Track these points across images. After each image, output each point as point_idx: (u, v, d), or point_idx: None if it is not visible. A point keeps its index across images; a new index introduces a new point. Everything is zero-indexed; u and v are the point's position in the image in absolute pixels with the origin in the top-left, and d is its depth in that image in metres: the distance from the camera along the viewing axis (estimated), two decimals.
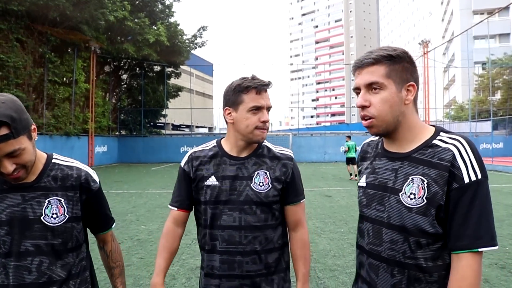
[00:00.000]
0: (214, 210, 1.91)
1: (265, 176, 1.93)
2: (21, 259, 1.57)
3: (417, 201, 1.38)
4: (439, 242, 1.37)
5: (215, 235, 1.91)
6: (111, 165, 30.51)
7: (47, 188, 1.64)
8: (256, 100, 1.86)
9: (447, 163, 1.35)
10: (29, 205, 1.60)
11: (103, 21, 25.95)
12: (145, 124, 36.14)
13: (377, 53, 1.44)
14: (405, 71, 1.45)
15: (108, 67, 34.57)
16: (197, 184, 1.98)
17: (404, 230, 1.40)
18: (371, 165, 1.59)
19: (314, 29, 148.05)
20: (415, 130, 1.48)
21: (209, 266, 1.92)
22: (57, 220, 1.62)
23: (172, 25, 33.52)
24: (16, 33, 22.27)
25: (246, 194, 1.90)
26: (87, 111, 29.18)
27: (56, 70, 25.60)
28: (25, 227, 1.58)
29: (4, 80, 21.34)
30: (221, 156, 1.98)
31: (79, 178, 1.72)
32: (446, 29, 72.10)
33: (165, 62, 34.65)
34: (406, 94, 1.45)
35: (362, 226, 1.57)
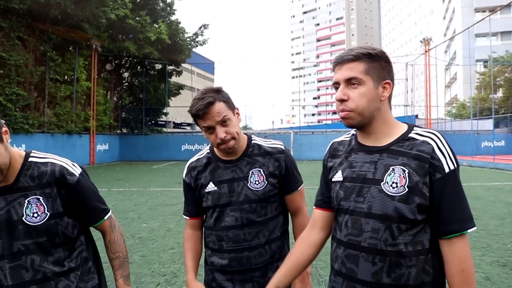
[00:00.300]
0: (217, 213, 2.02)
1: (260, 174, 2.03)
2: (15, 259, 1.60)
3: (399, 189, 1.44)
4: (417, 227, 1.45)
5: (220, 236, 2.01)
6: (112, 163, 30.55)
7: (26, 188, 1.64)
8: (203, 123, 1.93)
9: (427, 155, 1.44)
10: (12, 207, 1.61)
11: (104, 19, 25.94)
12: (147, 122, 36.17)
13: (357, 50, 1.52)
14: (383, 69, 1.53)
15: (109, 65, 34.60)
16: (199, 192, 2.09)
17: (386, 218, 1.45)
18: (347, 160, 1.63)
19: (316, 27, 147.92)
20: (390, 125, 1.57)
21: (217, 264, 2.02)
22: (39, 219, 1.63)
23: (173, 23, 33.51)
24: (17, 31, 22.27)
25: (244, 194, 2.00)
26: (88, 109, 29.21)
27: (58, 69, 25.60)
28: (12, 229, 1.60)
29: (6, 79, 21.34)
30: (215, 162, 2.08)
31: (53, 174, 1.69)
32: (448, 27, 71.96)
33: (166, 60, 34.66)
34: (382, 91, 1.53)
35: (340, 219, 1.60)
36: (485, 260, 5.64)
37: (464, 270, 1.42)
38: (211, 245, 2.07)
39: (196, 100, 1.92)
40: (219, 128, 1.92)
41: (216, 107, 1.91)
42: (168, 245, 6.55)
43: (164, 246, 6.50)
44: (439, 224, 1.44)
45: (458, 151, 31.55)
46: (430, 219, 1.47)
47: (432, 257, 1.48)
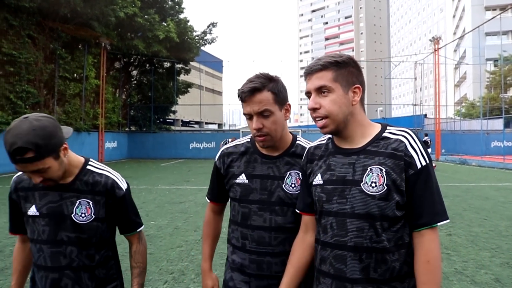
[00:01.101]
0: (244, 208, 1.92)
1: (298, 177, 1.88)
2: (57, 246, 1.86)
3: (378, 188, 1.50)
4: (398, 223, 1.52)
5: (245, 234, 1.91)
6: (120, 161, 30.69)
7: (79, 190, 1.90)
8: (244, 108, 1.84)
9: (401, 153, 1.51)
10: (64, 203, 1.88)
11: (113, 18, 26.06)
12: (155, 120, 36.31)
13: (324, 59, 1.58)
14: (351, 75, 1.58)
15: (118, 63, 34.79)
16: (228, 181, 1.99)
17: (369, 217, 1.51)
18: (325, 163, 1.67)
19: (324, 26, 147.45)
20: (364, 127, 1.62)
21: (238, 263, 1.94)
22: (85, 219, 1.89)
23: (182, 21, 33.61)
24: (27, 29, 22.43)
25: (277, 195, 1.87)
26: (97, 107, 29.38)
27: (67, 66, 25.78)
28: (60, 221, 1.87)
29: (16, 76, 21.52)
30: (252, 154, 1.97)
31: (106, 185, 1.94)
32: (458, 25, 71.47)
33: (175, 59, 34.76)
34: (353, 96, 1.59)
35: (324, 221, 1.63)
36: (494, 262, 5.59)
37: (429, 260, 1.49)
38: (234, 242, 1.98)
39: (247, 82, 1.83)
40: (257, 118, 1.81)
41: (261, 96, 1.80)
42: (175, 243, 6.55)
43: (171, 244, 6.51)
44: (411, 218, 1.52)
45: (467, 151, 31.40)
46: (406, 214, 1.54)
47: (412, 250, 1.55)
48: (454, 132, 37.31)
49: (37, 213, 1.87)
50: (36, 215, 1.87)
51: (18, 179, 1.97)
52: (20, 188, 1.95)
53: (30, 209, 1.89)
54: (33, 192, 1.91)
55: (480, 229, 7.62)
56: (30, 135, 1.64)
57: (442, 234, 7.18)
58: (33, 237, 1.89)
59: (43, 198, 1.89)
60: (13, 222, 2.04)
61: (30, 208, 1.89)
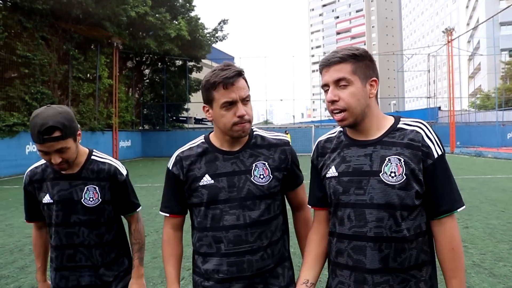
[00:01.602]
0: (214, 210, 1.79)
1: (264, 167, 1.82)
2: (70, 227, 2.12)
3: (398, 178, 1.52)
4: (415, 212, 1.55)
5: (218, 237, 1.77)
6: (135, 159, 30.92)
7: (86, 178, 2.15)
8: (226, 95, 1.71)
9: (418, 143, 1.54)
10: (74, 190, 2.13)
11: (125, 17, 26.22)
12: (168, 118, 36.50)
13: (342, 52, 1.58)
14: (368, 68, 1.60)
15: (130, 63, 35.01)
16: (190, 186, 1.84)
17: (389, 207, 1.52)
18: (339, 155, 1.67)
19: (335, 20, 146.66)
20: (379, 119, 1.64)
21: (213, 271, 1.78)
22: (93, 203, 2.13)
23: (192, 19, 33.69)
24: (41, 31, 22.67)
25: (247, 189, 1.78)
26: (110, 106, 29.64)
27: (80, 67, 26.02)
28: (71, 206, 2.12)
29: (31, 78, 21.76)
30: (212, 152, 1.85)
31: (109, 172, 2.20)
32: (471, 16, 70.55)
33: (187, 56, 34.87)
34: (370, 89, 1.60)
35: (340, 214, 1.62)
36: None
37: (454, 247, 1.54)
38: (204, 249, 1.82)
39: (219, 70, 1.72)
40: (241, 105, 1.72)
41: (242, 81, 1.75)
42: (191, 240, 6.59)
43: (187, 241, 6.48)
44: (431, 206, 1.55)
45: (483, 142, 31.04)
46: (424, 203, 1.57)
47: (428, 238, 1.60)
48: (469, 124, 36.91)
49: (51, 200, 2.12)
50: (50, 202, 2.13)
51: (32, 173, 2.21)
52: (34, 180, 2.19)
53: (45, 197, 2.14)
54: (46, 182, 2.16)
55: (498, 221, 7.54)
56: (58, 117, 1.91)
57: (459, 226, 7.08)
58: (50, 222, 2.15)
59: (55, 187, 2.14)
60: (29, 212, 2.28)
61: (44, 196, 2.14)
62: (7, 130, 19.26)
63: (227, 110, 1.73)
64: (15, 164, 19.38)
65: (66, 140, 1.95)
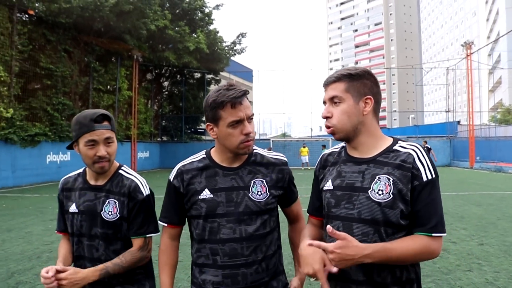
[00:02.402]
0: (211, 224, 1.85)
1: (262, 184, 1.90)
2: (91, 239, 2.10)
3: (384, 196, 1.58)
4: (402, 232, 1.60)
5: (215, 249, 1.84)
6: (152, 170, 31.19)
7: (110, 191, 2.14)
8: (234, 114, 1.78)
9: (409, 165, 1.60)
10: (98, 202, 2.12)
11: (145, 31, 26.67)
12: (186, 130, 36.80)
13: (339, 72, 1.70)
14: (364, 86, 1.68)
15: (150, 75, 35.51)
16: (189, 199, 1.91)
17: (374, 222, 1.59)
18: (336, 170, 1.76)
19: (354, 33, 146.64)
20: (376, 138, 1.71)
21: (209, 282, 1.85)
22: (111, 217, 2.10)
23: (211, 32, 34.08)
24: (64, 44, 23.29)
25: (245, 205, 1.85)
26: (130, 118, 30.07)
27: (101, 79, 26.57)
28: (93, 217, 2.10)
29: (53, 89, 22.31)
30: (212, 168, 1.92)
31: (129, 188, 2.15)
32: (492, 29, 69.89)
33: (205, 69, 35.25)
34: (364, 106, 1.67)
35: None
36: None
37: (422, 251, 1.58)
38: (202, 261, 1.89)
39: (225, 90, 1.80)
40: (247, 123, 1.81)
41: (247, 101, 1.83)
42: None
43: None
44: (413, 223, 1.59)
45: (503, 158, 30.53)
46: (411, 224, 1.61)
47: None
48: (489, 138, 36.35)
49: (76, 210, 2.14)
50: (75, 212, 2.14)
51: (65, 181, 2.26)
52: (65, 188, 2.23)
53: (71, 207, 2.15)
54: (74, 192, 2.18)
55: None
56: (106, 112, 2.07)
57: (474, 243, 7.06)
58: (73, 231, 2.14)
59: (82, 197, 2.15)
60: (60, 221, 2.27)
61: (71, 206, 2.16)
62: (29, 140, 19.72)
63: (234, 128, 1.80)
64: (36, 173, 19.82)
65: (113, 132, 2.09)
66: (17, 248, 6.96)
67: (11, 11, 19.49)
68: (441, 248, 1.62)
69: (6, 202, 13.37)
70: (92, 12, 22.39)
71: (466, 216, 9.88)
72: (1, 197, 14.88)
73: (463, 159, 32.84)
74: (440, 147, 35.00)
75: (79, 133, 2.03)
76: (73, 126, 2.08)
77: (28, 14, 21.19)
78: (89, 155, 2.04)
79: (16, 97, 19.87)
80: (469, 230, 8.22)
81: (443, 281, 5.18)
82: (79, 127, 2.02)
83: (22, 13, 20.90)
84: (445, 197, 13.45)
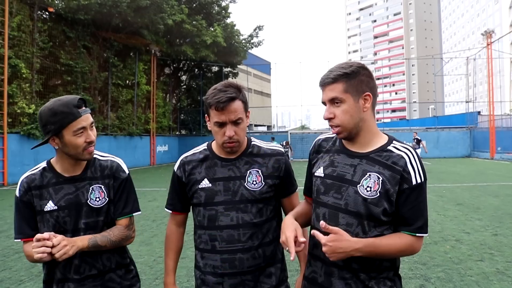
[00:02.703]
0: (210, 211, 1.99)
1: (258, 174, 2.01)
2: (76, 234, 1.97)
3: (372, 193, 1.67)
4: (383, 226, 1.70)
5: (214, 235, 1.97)
6: (171, 164, 31.46)
7: (91, 178, 2.06)
8: (217, 116, 1.91)
9: (399, 168, 1.68)
10: (80, 192, 2.01)
11: (162, 25, 26.85)
12: (204, 124, 36.99)
13: (335, 72, 1.73)
14: (361, 83, 1.72)
15: (167, 69, 35.79)
16: (190, 188, 2.06)
17: (358, 215, 1.69)
18: (329, 158, 1.84)
19: (372, 24, 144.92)
20: (372, 133, 1.78)
21: (209, 265, 1.99)
22: (100, 203, 2.03)
23: (228, 26, 34.11)
24: (83, 40, 23.73)
25: (241, 194, 1.98)
26: (148, 112, 30.43)
27: (119, 74, 26.96)
28: (78, 209, 2.00)
29: (73, 85, 22.77)
30: (212, 159, 2.06)
31: (112, 168, 2.11)
32: None
33: (223, 63, 35.35)
34: (364, 103, 1.73)
35: (318, 211, 1.81)
36: None
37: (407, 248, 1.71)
38: (202, 246, 2.03)
39: (217, 91, 1.91)
40: (230, 126, 1.92)
41: (235, 104, 1.92)
42: None
43: None
44: (396, 224, 1.71)
45: None
46: (393, 221, 1.72)
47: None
48: (511, 129, 35.76)
49: (55, 207, 1.97)
50: (54, 209, 1.97)
51: (29, 179, 2.02)
52: (33, 186, 2.00)
53: (47, 205, 1.98)
54: (47, 188, 2.00)
55: None
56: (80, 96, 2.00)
57: (488, 234, 7.07)
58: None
59: (59, 192, 2.00)
60: (24, 227, 2.00)
61: (46, 204, 1.98)
62: None
63: (218, 128, 1.94)
64: None
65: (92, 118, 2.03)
66: None
67: (32, 9, 19.90)
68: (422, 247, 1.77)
69: None
70: (110, 8, 22.67)
71: (482, 207, 9.86)
72: None
73: (484, 150, 32.38)
74: (460, 138, 34.58)
75: (64, 122, 1.89)
76: (50, 118, 1.90)
77: (48, 12, 21.61)
78: (78, 143, 1.92)
79: (38, 93, 20.32)
80: (484, 220, 8.22)
81: (453, 270, 5.24)
82: (62, 117, 1.88)
83: (43, 11, 21.34)
84: (462, 188, 13.40)
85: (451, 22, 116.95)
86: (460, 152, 34.12)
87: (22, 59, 18.88)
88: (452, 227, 7.75)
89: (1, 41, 17.33)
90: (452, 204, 10.44)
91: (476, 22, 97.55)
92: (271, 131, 52.93)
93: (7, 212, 10.32)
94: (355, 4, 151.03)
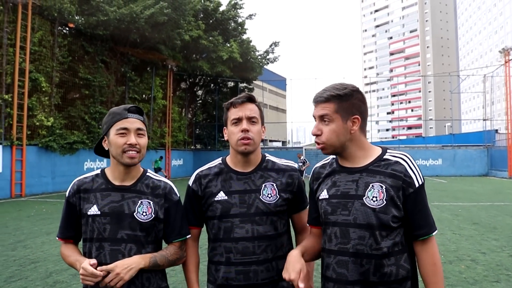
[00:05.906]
0: (226, 223, 2.03)
1: (272, 187, 2.06)
2: (116, 244, 1.96)
3: (379, 202, 1.72)
4: (394, 232, 1.73)
5: (229, 247, 2.01)
6: (186, 177, 31.57)
7: (141, 192, 2.06)
8: (235, 113, 2.03)
9: (400, 174, 1.74)
10: (126, 203, 2.02)
11: (179, 41, 27.22)
12: (219, 138, 37.18)
13: (328, 92, 1.80)
14: (352, 106, 1.79)
15: (184, 84, 36.19)
16: (206, 201, 2.10)
17: (369, 227, 1.71)
18: (331, 180, 1.88)
19: (389, 41, 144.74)
20: (364, 149, 1.84)
21: (223, 278, 2.01)
22: (146, 218, 2.01)
23: (244, 42, 34.47)
24: (101, 55, 24.19)
25: (256, 206, 2.02)
26: (164, 126, 30.74)
27: (136, 88, 27.39)
28: (121, 219, 1.99)
29: (91, 98, 23.18)
30: (227, 172, 2.11)
31: (165, 189, 2.11)
32: None
33: (238, 78, 35.63)
34: (352, 125, 1.80)
35: (329, 231, 1.83)
36: None
37: (435, 263, 1.74)
38: (217, 258, 2.05)
39: (235, 97, 2.08)
40: (246, 122, 2.01)
41: (252, 105, 2.06)
42: None
43: None
44: (413, 229, 1.75)
45: None
46: (403, 225, 1.76)
47: (407, 255, 1.76)
48: None
49: (98, 212, 1.98)
50: (97, 214, 1.98)
51: (80, 182, 2.10)
52: (82, 189, 2.06)
53: (91, 209, 2.00)
54: (95, 193, 2.04)
55: None
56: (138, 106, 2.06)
57: (505, 254, 6.95)
58: (93, 236, 1.97)
59: (105, 198, 2.02)
60: (65, 228, 2.09)
61: (91, 208, 2.00)
62: (68, 148, 20.55)
63: (235, 126, 2.04)
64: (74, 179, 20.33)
65: (145, 125, 2.04)
66: (55, 250, 7.30)
67: (52, 24, 20.37)
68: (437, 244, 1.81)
69: (46, 206, 13.97)
70: (128, 24, 23.09)
71: (499, 226, 9.70)
72: (41, 202, 15.54)
73: (501, 169, 31.85)
74: (477, 156, 34.10)
75: (111, 122, 1.98)
76: (105, 119, 2.04)
77: (68, 27, 22.12)
78: (119, 143, 1.96)
79: (56, 106, 20.76)
80: (501, 241, 8.08)
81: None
82: (112, 117, 2.00)
83: (63, 26, 21.84)
84: (479, 207, 13.20)
85: (468, 39, 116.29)
86: (477, 170, 33.64)
87: (42, 73, 19.32)
88: (468, 246, 7.63)
89: (23, 56, 17.75)
90: (468, 223, 10.28)
91: (494, 39, 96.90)
92: (286, 146, 52.92)
93: (24, 222, 10.48)
94: (371, 21, 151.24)
